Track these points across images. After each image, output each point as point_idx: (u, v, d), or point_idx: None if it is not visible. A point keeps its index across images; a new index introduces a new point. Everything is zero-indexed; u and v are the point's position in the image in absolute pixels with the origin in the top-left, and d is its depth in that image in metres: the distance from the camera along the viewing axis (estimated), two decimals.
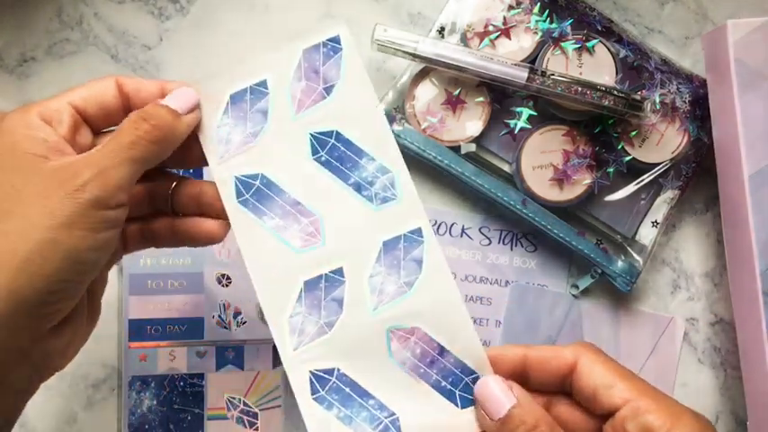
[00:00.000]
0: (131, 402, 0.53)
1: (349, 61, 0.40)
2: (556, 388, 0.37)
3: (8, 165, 0.35)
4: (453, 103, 0.53)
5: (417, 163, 0.55)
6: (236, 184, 0.39)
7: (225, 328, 0.54)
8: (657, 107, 0.53)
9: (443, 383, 0.38)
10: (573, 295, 0.55)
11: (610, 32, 0.54)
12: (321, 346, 0.38)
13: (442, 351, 0.38)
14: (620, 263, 0.53)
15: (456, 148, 0.53)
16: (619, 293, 0.55)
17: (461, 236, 0.56)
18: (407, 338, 0.38)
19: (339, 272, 0.38)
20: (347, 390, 0.37)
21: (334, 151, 0.39)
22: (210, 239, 0.41)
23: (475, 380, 0.37)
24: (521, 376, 0.37)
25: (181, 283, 0.54)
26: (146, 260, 0.54)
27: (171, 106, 0.38)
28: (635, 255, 0.54)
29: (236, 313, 0.54)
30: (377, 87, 0.55)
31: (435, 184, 0.56)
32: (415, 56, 0.51)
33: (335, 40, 0.40)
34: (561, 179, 0.53)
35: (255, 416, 0.53)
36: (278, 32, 0.56)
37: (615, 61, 0.53)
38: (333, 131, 0.40)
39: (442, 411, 0.37)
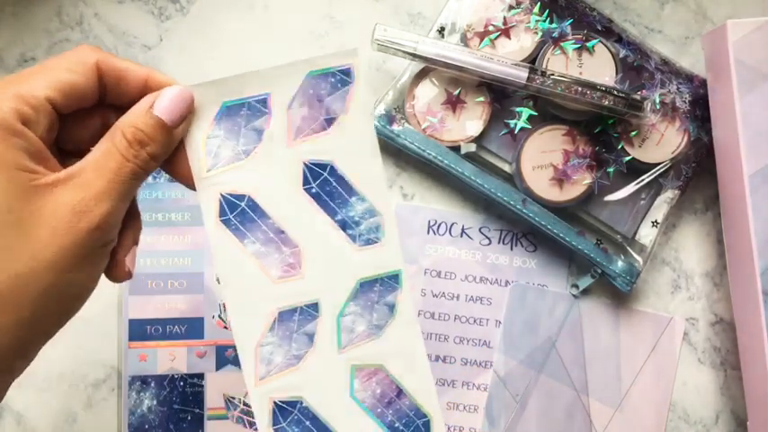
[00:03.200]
0: (131, 402, 0.53)
1: (356, 96, 0.38)
2: None
3: None
4: (453, 103, 0.53)
5: (417, 163, 0.55)
6: (221, 202, 0.38)
7: (225, 328, 0.54)
8: (657, 107, 0.53)
9: (397, 424, 0.39)
10: (573, 295, 0.55)
11: (610, 32, 0.54)
12: (287, 378, 0.38)
13: (400, 393, 0.39)
14: (620, 263, 0.53)
15: (456, 148, 0.53)
16: (619, 293, 0.55)
17: (461, 236, 0.56)
18: (370, 378, 0.39)
19: (314, 306, 0.38)
20: (308, 423, 0.38)
21: (325, 185, 0.38)
22: None
23: (425, 423, 0.39)
24: None
25: (181, 283, 0.54)
26: (146, 260, 0.53)
27: (165, 120, 0.35)
28: (635, 255, 0.54)
29: None
30: (377, 87, 0.55)
31: (435, 184, 0.56)
32: (414, 56, 0.51)
33: (346, 72, 0.38)
34: (561, 179, 0.53)
35: None
36: (278, 33, 0.56)
37: (615, 61, 0.53)
38: (327, 164, 0.38)
39: None
